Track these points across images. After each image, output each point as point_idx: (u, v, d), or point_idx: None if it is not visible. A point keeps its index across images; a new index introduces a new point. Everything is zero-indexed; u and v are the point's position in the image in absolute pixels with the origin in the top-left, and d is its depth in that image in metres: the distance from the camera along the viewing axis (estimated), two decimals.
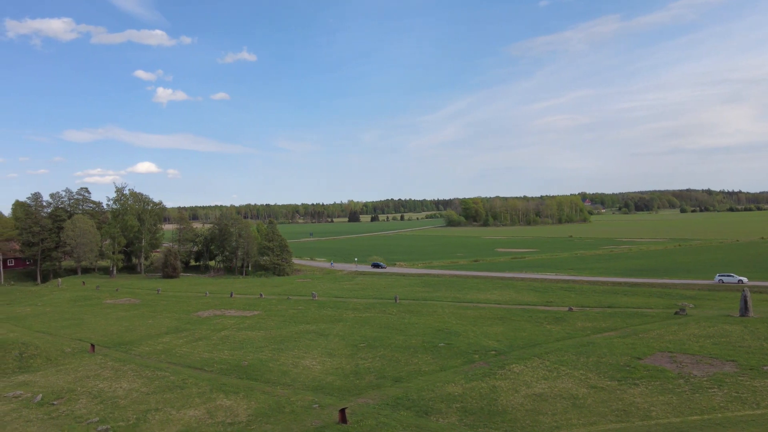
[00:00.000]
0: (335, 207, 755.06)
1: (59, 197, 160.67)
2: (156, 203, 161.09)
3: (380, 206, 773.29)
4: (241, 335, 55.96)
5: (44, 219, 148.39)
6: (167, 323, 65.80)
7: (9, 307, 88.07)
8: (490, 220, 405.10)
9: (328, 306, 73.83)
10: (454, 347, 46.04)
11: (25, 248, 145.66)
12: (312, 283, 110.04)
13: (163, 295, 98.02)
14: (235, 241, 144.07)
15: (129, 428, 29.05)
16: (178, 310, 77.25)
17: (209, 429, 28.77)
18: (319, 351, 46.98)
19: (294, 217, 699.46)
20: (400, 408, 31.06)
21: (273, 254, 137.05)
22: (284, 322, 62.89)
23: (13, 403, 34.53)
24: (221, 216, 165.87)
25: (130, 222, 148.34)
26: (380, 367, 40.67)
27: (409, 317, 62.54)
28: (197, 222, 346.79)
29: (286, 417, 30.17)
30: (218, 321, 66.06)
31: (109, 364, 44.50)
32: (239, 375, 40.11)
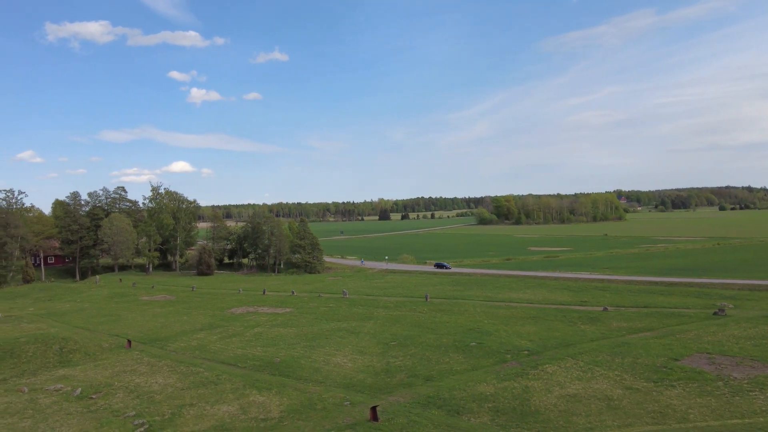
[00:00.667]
0: (365, 205, 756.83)
1: (97, 196, 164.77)
2: (190, 202, 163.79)
3: (410, 204, 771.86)
4: (274, 332, 56.64)
5: (83, 217, 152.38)
6: (202, 320, 66.98)
7: (49, 303, 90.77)
8: (522, 218, 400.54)
9: (359, 304, 74.15)
10: (485, 347, 45.76)
11: (65, 246, 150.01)
12: (343, 281, 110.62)
13: (198, 292, 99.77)
14: (267, 239, 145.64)
15: (164, 423, 29.67)
16: (212, 306, 78.54)
17: (242, 424, 29.21)
18: (350, 348, 47.24)
19: (325, 216, 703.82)
20: (431, 407, 31.03)
21: (304, 252, 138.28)
22: (316, 320, 63.42)
23: (54, 396, 35.62)
24: (254, 214, 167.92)
25: (165, 220, 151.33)
26: (411, 366, 40.68)
27: (440, 316, 62.37)
28: (230, 220, 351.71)
29: (317, 414, 30.44)
30: (251, 318, 66.96)
31: (145, 360, 45.51)
32: (272, 371, 40.60)
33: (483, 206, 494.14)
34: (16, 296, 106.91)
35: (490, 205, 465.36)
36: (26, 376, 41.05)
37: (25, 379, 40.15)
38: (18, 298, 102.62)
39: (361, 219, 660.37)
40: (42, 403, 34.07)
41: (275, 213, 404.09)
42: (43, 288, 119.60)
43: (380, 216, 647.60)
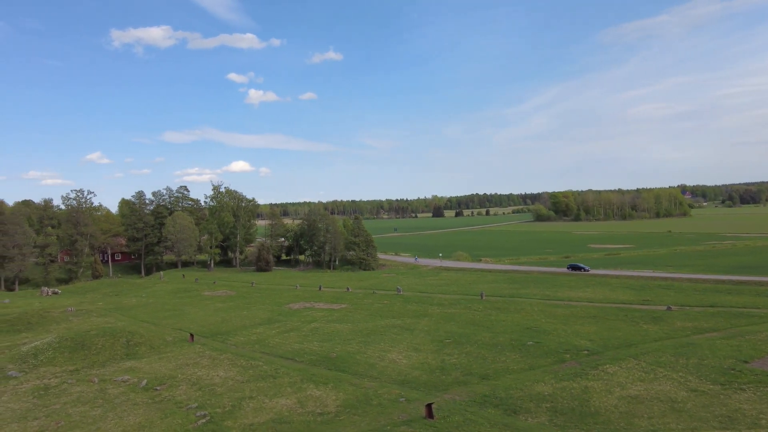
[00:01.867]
0: (419, 202, 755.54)
1: (161, 195, 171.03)
2: (249, 200, 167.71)
3: (465, 201, 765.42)
4: (330, 327, 57.36)
5: (147, 216, 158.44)
6: (261, 314, 68.53)
7: (117, 298, 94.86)
8: (581, 214, 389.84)
9: (413, 301, 74.12)
10: (543, 346, 44.90)
11: (131, 243, 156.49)
12: (397, 277, 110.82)
13: (257, 288, 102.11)
14: (322, 237, 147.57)
15: (225, 414, 30.51)
16: (271, 302, 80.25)
17: (300, 418, 29.71)
18: (404, 345, 47.29)
19: (378, 213, 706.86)
20: (487, 406, 30.71)
21: (359, 249, 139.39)
22: (370, 316, 63.83)
23: (122, 386, 37.20)
24: (309, 212, 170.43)
25: (226, 218, 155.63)
26: (467, 364, 40.36)
27: (496, 314, 61.61)
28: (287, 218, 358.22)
29: (373, 409, 30.64)
30: (308, 313, 68.04)
31: (207, 353, 46.91)
32: (328, 366, 41.13)
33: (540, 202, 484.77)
34: (86, 291, 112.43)
35: (547, 202, 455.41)
36: (96, 367, 43.03)
37: (95, 370, 42.08)
38: (88, 293, 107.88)
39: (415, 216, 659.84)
40: (111, 393, 35.65)
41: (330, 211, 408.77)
42: (110, 284, 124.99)
43: (434, 213, 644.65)
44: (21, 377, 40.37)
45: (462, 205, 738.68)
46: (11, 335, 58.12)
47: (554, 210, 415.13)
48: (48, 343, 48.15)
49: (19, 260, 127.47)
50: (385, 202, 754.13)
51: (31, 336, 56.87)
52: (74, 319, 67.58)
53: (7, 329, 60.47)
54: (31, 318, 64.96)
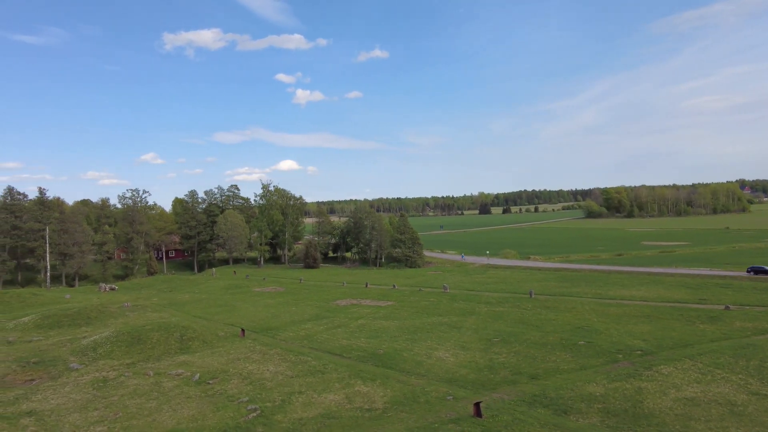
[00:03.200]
0: (465, 199, 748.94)
1: (212, 194, 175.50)
2: (297, 198, 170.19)
3: (512, 198, 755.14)
4: (377, 324, 57.55)
5: (200, 214, 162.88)
6: (309, 311, 69.37)
7: (171, 294, 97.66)
8: (634, 210, 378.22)
9: (460, 299, 73.57)
10: (594, 345, 43.84)
11: (184, 241, 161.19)
12: (443, 275, 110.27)
13: (305, 284, 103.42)
14: (368, 234, 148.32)
15: (275, 409, 30.99)
16: (319, 298, 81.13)
17: (348, 414, 29.91)
18: (452, 343, 47.00)
19: (424, 210, 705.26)
20: (536, 405, 30.19)
21: (405, 246, 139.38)
22: (417, 314, 63.71)
23: (176, 380, 38.25)
24: (355, 210, 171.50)
25: (275, 216, 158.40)
26: (515, 363, 39.79)
27: (546, 313, 60.52)
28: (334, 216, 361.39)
29: (420, 407, 30.56)
30: (355, 310, 68.46)
31: (257, 348, 47.77)
32: (375, 363, 41.26)
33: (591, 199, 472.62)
34: (142, 287, 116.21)
35: (599, 198, 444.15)
36: (151, 361, 44.39)
37: (150, 364, 43.43)
38: (143, 289, 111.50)
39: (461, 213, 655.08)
40: (165, 386, 36.71)
41: (376, 208, 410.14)
42: (164, 280, 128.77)
43: (480, 210, 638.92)
44: (81, 369, 42.06)
45: (510, 201, 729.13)
46: (72, 329, 60.62)
47: (606, 206, 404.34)
48: (106, 337, 50.02)
49: (78, 257, 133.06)
50: (430, 200, 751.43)
51: (90, 330, 59.18)
52: (130, 314, 69.96)
53: (68, 323, 63.10)
54: (91, 313, 67.55)
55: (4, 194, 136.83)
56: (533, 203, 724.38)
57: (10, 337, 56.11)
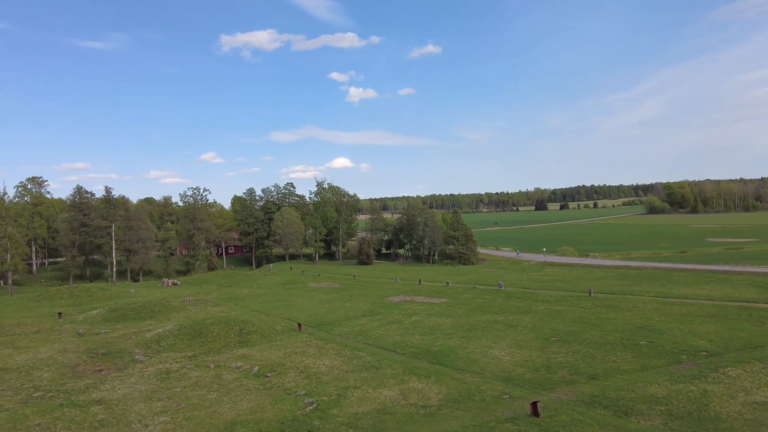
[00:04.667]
0: (520, 195, 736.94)
1: (269, 192, 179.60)
2: (351, 195, 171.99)
3: (569, 193, 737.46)
4: (430, 321, 57.39)
5: (257, 211, 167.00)
6: (363, 306, 69.88)
7: (230, 289, 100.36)
8: (699, 206, 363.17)
9: (516, 297, 72.48)
10: (657, 346, 42.30)
11: (242, 237, 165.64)
12: (498, 272, 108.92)
13: (359, 281, 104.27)
14: (421, 231, 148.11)
15: (331, 403, 31.36)
16: (372, 294, 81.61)
17: (402, 410, 29.95)
18: (507, 342, 46.35)
19: (478, 207, 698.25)
20: (596, 406, 29.39)
21: (458, 243, 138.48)
22: (471, 311, 63.17)
23: (235, 373, 39.26)
24: (408, 206, 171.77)
25: (329, 213, 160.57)
26: (574, 363, 38.86)
27: (605, 312, 58.87)
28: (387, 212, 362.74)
29: (476, 405, 30.29)
30: (408, 306, 68.49)
31: (314, 343, 48.46)
32: (429, 360, 41.15)
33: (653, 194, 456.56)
34: (203, 282, 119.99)
35: (661, 193, 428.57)
36: (212, 354, 45.72)
37: (211, 357, 44.73)
38: (204, 284, 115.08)
39: (516, 209, 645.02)
40: (225, 378, 37.75)
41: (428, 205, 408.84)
42: (224, 275, 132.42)
43: (536, 206, 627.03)
44: (146, 361, 43.77)
45: (567, 197, 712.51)
46: (137, 322, 63.18)
47: (669, 201, 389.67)
48: (169, 331, 51.87)
49: (143, 253, 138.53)
50: (484, 196, 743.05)
51: (154, 323, 61.50)
52: (192, 308, 72.31)
53: (133, 317, 65.81)
54: (154, 307, 70.20)
55: (74, 193, 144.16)
56: (592, 199, 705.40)
57: (80, 329, 59.02)
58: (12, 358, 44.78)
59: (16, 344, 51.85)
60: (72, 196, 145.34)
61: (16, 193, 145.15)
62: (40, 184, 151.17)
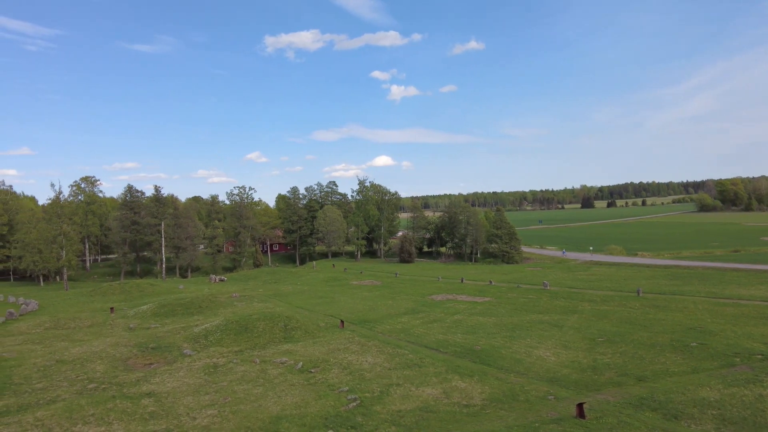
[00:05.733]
0: (566, 193, 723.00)
1: (312, 190, 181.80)
2: (392, 194, 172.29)
3: (617, 191, 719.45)
4: (473, 320, 57.01)
5: (301, 210, 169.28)
6: (405, 304, 69.94)
7: (275, 285, 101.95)
8: (753, 203, 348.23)
9: (561, 296, 71.28)
10: (708, 348, 40.94)
11: (287, 235, 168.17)
12: (543, 272, 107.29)
13: (401, 278, 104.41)
14: (463, 229, 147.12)
15: (374, 399, 31.53)
16: (414, 292, 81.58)
17: (445, 408, 29.88)
18: (553, 342, 45.66)
19: (521, 204, 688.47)
20: (644, 408, 28.67)
21: (501, 242, 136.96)
22: (515, 311, 62.45)
23: (280, 368, 39.88)
24: (450, 204, 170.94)
25: (371, 211, 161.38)
26: (621, 364, 37.99)
27: (654, 312, 57.30)
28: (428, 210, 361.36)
29: (520, 405, 29.97)
30: (451, 305, 68.20)
31: (356, 339, 48.79)
32: (472, 359, 40.91)
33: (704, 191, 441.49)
34: (248, 279, 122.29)
35: (712, 190, 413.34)
36: (257, 349, 46.58)
37: (257, 352, 45.57)
38: (250, 281, 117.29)
39: (561, 207, 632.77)
40: (270, 373, 38.40)
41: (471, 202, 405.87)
42: (269, 272, 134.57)
43: (582, 204, 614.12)
44: (194, 355, 44.94)
45: (614, 194, 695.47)
46: (185, 317, 64.89)
47: (721, 199, 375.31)
48: (216, 326, 53.10)
49: (191, 250, 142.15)
50: (528, 193, 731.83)
51: (201, 319, 63.05)
52: (238, 304, 73.80)
53: (182, 312, 67.61)
54: (202, 302, 71.94)
55: (125, 192, 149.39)
56: (640, 196, 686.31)
57: (131, 324, 61.04)
58: (68, 351, 46.69)
59: (71, 337, 54.06)
60: (123, 195, 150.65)
61: (70, 192, 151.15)
62: (93, 184, 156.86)
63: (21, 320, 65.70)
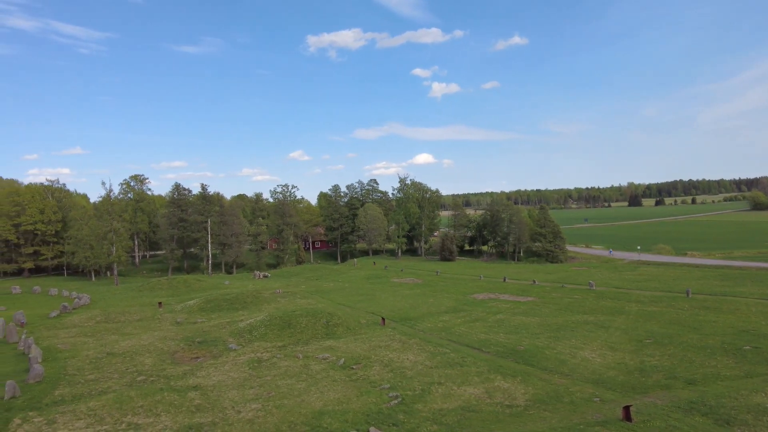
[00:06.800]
0: (612, 190, 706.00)
1: (353, 188, 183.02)
2: (433, 191, 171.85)
3: (666, 188, 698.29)
4: (516, 320, 56.37)
5: (342, 207, 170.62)
6: (446, 303, 69.68)
7: (317, 282, 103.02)
8: None
9: (607, 297, 69.74)
10: (763, 351, 39.37)
11: (328, 232, 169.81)
12: (588, 271, 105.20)
13: (442, 277, 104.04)
14: (506, 227, 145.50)
15: (415, 397, 31.57)
16: (455, 291, 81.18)
17: (488, 408, 29.68)
18: (598, 343, 44.76)
19: (566, 203, 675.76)
20: (694, 413, 27.82)
21: (545, 240, 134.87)
22: (559, 311, 61.44)
23: (323, 363, 40.34)
24: (492, 202, 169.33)
25: (411, 209, 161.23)
26: (670, 367, 36.96)
27: (705, 314, 55.47)
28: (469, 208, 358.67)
29: (564, 406, 29.51)
30: (493, 304, 67.59)
31: (397, 337, 48.92)
32: (515, 359, 40.48)
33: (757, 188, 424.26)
34: (291, 275, 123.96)
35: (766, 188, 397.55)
36: (300, 345, 47.23)
37: (300, 347, 46.21)
38: (292, 277, 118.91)
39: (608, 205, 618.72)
40: (313, 368, 38.89)
41: (513, 200, 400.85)
42: (311, 269, 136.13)
43: (630, 202, 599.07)
44: (239, 350, 45.88)
45: (663, 192, 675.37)
46: (231, 312, 66.28)
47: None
48: (260, 321, 54.08)
49: (236, 247, 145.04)
50: (573, 191, 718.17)
51: (246, 314, 64.28)
52: (281, 300, 74.93)
53: (227, 307, 69.09)
54: (246, 298, 73.35)
55: (172, 190, 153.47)
56: (690, 194, 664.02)
57: (179, 318, 62.72)
58: (118, 344, 48.35)
59: (121, 331, 55.93)
60: (171, 193, 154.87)
61: (120, 190, 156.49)
62: (142, 182, 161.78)
63: (74, 313, 68.38)
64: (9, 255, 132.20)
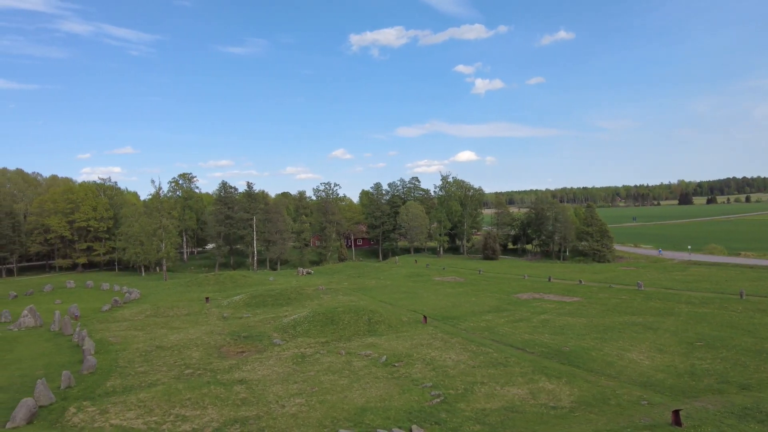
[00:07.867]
0: (662, 188, 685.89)
1: (395, 186, 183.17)
2: (476, 189, 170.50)
3: (718, 186, 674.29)
4: (561, 320, 55.45)
5: (384, 205, 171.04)
6: (489, 302, 69.10)
7: (359, 279, 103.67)
8: None
9: (656, 297, 67.83)
10: None
11: (370, 230, 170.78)
12: (637, 271, 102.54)
13: (484, 276, 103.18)
14: (551, 225, 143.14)
15: (458, 397, 31.47)
16: (498, 290, 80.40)
17: (532, 409, 29.35)
18: (646, 345, 43.62)
19: (614, 201, 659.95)
20: (748, 419, 26.77)
21: (592, 239, 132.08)
22: (606, 311, 60.10)
23: (365, 360, 40.63)
24: (536, 200, 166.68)
25: (453, 207, 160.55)
26: (722, 371, 35.70)
27: (760, 316, 53.32)
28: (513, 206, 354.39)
29: (611, 409, 28.92)
30: (537, 304, 66.65)
31: (439, 336, 48.83)
32: (560, 360, 39.85)
33: None
34: (333, 272, 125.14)
35: None
36: (343, 341, 47.68)
37: (342, 344, 46.65)
38: (335, 274, 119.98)
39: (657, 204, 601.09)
40: (355, 365, 39.21)
41: (559, 198, 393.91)
42: (353, 266, 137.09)
43: (680, 200, 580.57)
44: (283, 345, 46.63)
45: (715, 190, 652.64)
46: (275, 308, 67.41)
47: None
48: (304, 317, 54.84)
49: (280, 244, 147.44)
50: (621, 189, 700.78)
51: (290, 310, 65.26)
52: (324, 296, 75.77)
53: (272, 303, 70.29)
54: (290, 294, 74.46)
55: (219, 188, 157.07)
56: (743, 192, 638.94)
57: (225, 313, 64.17)
58: (167, 338, 49.82)
59: (170, 325, 57.61)
60: (218, 191, 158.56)
61: (169, 188, 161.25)
62: (190, 180, 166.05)
63: (125, 308, 70.86)
64: (64, 251, 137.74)
